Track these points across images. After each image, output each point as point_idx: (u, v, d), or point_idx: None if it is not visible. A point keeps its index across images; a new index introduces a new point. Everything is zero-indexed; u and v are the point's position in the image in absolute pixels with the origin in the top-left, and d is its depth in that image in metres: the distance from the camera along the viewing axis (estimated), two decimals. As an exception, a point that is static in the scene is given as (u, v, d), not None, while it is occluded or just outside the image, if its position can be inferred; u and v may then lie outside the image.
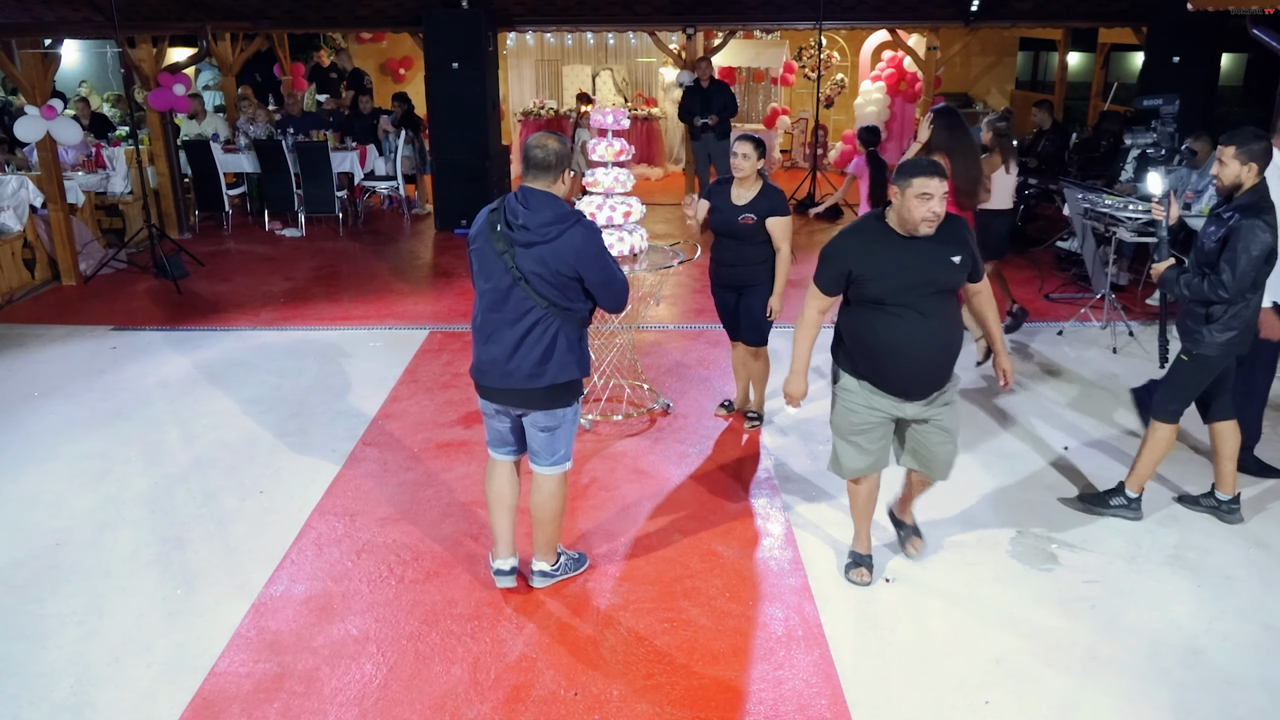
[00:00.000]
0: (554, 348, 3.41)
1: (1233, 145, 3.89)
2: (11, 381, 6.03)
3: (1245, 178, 3.89)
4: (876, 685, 3.29)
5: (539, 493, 3.68)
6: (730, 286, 5.04)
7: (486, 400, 3.58)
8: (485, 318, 3.47)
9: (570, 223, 3.33)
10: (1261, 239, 3.77)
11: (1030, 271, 8.35)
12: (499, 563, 3.78)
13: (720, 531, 4.26)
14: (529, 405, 3.49)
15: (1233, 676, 3.33)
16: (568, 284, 3.37)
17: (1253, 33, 6.63)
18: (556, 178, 3.40)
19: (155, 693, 3.26)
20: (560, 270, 3.33)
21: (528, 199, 3.35)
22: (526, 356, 3.40)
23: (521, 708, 3.18)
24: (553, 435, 3.58)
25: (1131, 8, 10.45)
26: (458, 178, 9.95)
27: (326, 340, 6.79)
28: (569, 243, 3.31)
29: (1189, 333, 4.06)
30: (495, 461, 3.75)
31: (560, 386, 3.48)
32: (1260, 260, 3.80)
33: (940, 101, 13.50)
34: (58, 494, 4.61)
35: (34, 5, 8.25)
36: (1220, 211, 3.97)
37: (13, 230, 7.83)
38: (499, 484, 3.74)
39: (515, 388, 3.45)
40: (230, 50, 11.26)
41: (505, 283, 3.37)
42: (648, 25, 11.11)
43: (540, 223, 3.31)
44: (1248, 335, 4.02)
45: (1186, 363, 4.09)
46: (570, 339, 3.47)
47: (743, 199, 4.87)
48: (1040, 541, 4.17)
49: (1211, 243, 3.93)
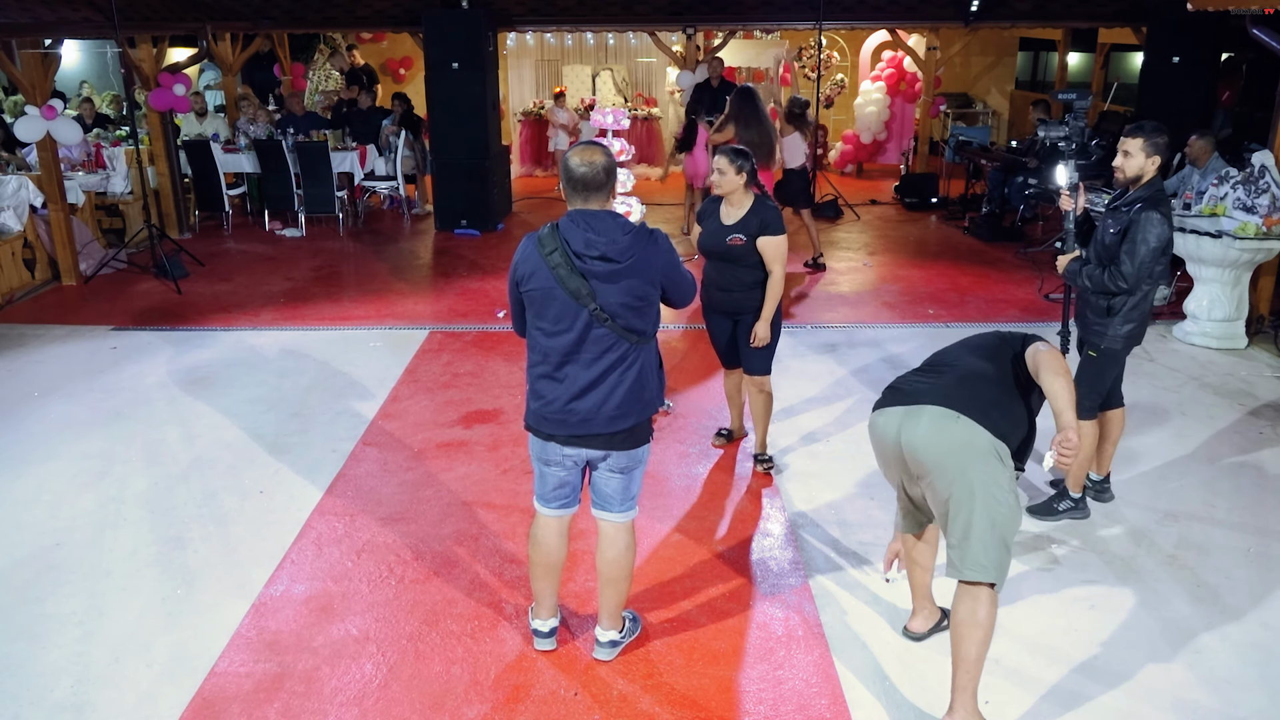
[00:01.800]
0: (640, 383, 3.08)
1: (1139, 138, 3.95)
2: (11, 381, 6.03)
3: (1148, 170, 3.97)
4: (876, 685, 3.29)
5: (611, 548, 3.27)
6: (725, 312, 4.65)
7: (556, 446, 3.14)
8: (552, 361, 3.05)
9: (646, 237, 2.99)
10: (1160, 230, 3.85)
11: (1030, 271, 8.35)
12: (540, 623, 3.43)
13: (720, 531, 4.26)
14: (611, 447, 3.12)
15: (1233, 676, 3.33)
16: (651, 304, 3.05)
17: (1253, 33, 6.62)
18: (609, 194, 3.03)
19: (155, 693, 3.26)
20: (648, 293, 3.01)
21: (592, 224, 2.94)
22: (609, 397, 3.03)
23: (521, 708, 3.18)
24: (629, 476, 3.22)
25: (1131, 8, 10.45)
26: (458, 178, 9.96)
27: (326, 340, 6.79)
28: (654, 258, 2.99)
29: (1092, 329, 4.15)
30: (546, 520, 3.31)
31: (646, 422, 3.17)
32: (1158, 251, 3.88)
33: (941, 102, 13.55)
34: (58, 494, 4.61)
35: (34, 5, 8.24)
36: (1118, 204, 4.03)
37: (13, 230, 7.83)
38: (550, 546, 3.32)
39: (597, 432, 3.07)
40: (230, 50, 11.26)
41: (582, 323, 2.97)
42: (648, 25, 11.12)
43: (621, 249, 2.93)
44: (1145, 326, 4.14)
45: (1094, 359, 4.18)
46: (652, 365, 3.14)
47: (732, 217, 4.46)
48: (1040, 541, 4.17)
49: (1111, 235, 4.00)
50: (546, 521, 3.31)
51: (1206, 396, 5.74)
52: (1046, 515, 4.34)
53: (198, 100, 10.68)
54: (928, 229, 10.42)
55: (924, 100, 12.70)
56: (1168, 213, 3.91)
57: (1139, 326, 4.10)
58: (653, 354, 3.15)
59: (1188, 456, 4.96)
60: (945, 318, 7.23)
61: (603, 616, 3.38)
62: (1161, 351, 6.49)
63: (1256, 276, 6.79)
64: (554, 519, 3.30)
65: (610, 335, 2.98)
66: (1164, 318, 7.19)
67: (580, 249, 2.91)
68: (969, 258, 9.07)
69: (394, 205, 11.34)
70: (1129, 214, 3.93)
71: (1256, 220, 6.36)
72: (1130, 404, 5.58)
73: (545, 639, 3.43)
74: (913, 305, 7.53)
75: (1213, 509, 4.44)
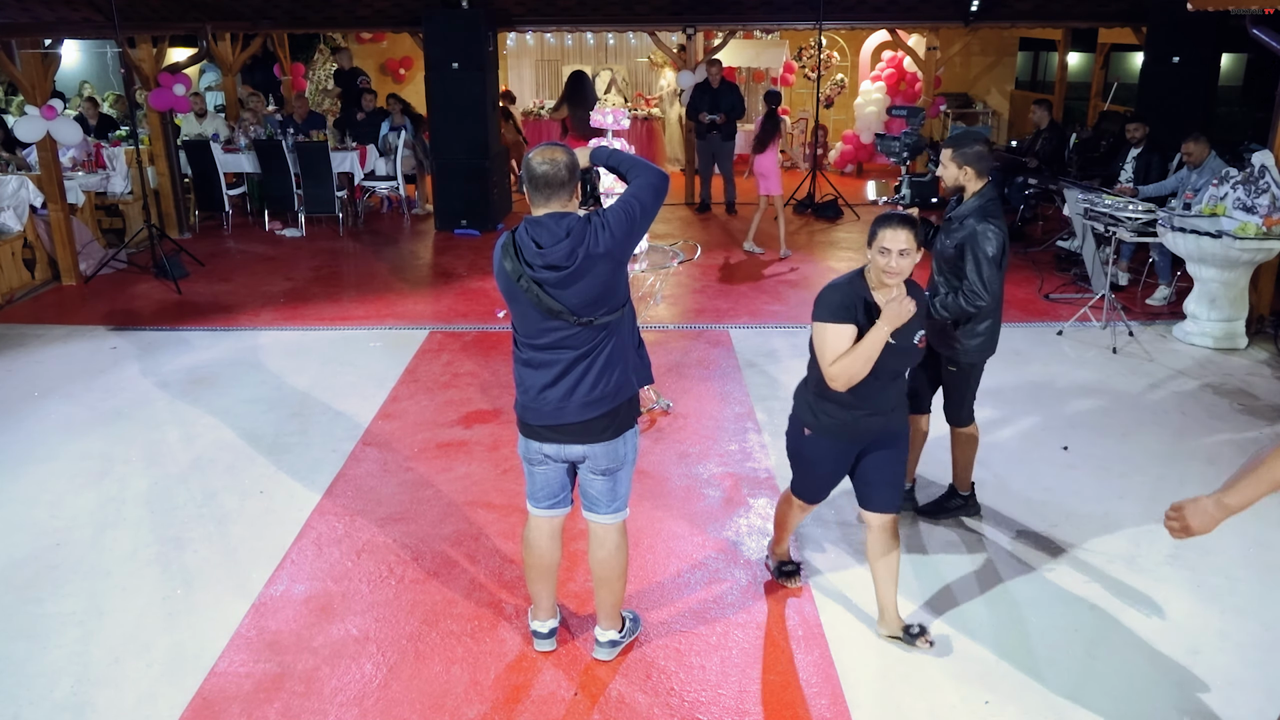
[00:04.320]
0: (611, 364, 3.01)
1: (949, 148, 3.87)
2: (11, 381, 6.03)
3: (965, 181, 3.86)
4: (876, 685, 3.29)
5: (601, 548, 3.24)
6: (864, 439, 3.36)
7: (536, 443, 3.12)
8: (525, 349, 3.04)
9: (588, 234, 2.86)
10: (994, 241, 3.76)
11: (1030, 271, 8.35)
12: (539, 624, 3.43)
13: (720, 532, 4.26)
14: (587, 439, 3.06)
15: (1233, 676, 3.33)
16: (615, 282, 2.95)
17: (1253, 33, 6.62)
18: (571, 195, 2.92)
19: (155, 693, 3.26)
20: (607, 277, 2.91)
21: (537, 233, 2.87)
22: (580, 383, 2.98)
23: (521, 708, 3.18)
24: (614, 478, 3.17)
25: (1131, 8, 10.45)
26: (458, 178, 9.96)
27: (326, 340, 6.79)
28: (598, 250, 2.86)
29: (946, 345, 4.04)
30: (538, 521, 3.27)
31: (622, 407, 3.08)
32: (996, 262, 3.78)
33: (941, 102, 13.55)
34: (58, 494, 4.61)
35: (34, 5, 8.24)
36: (950, 217, 3.96)
37: (13, 230, 7.83)
38: (543, 548, 3.29)
39: (570, 421, 3.03)
40: (230, 50, 11.26)
41: (546, 324, 2.94)
42: (648, 25, 11.12)
43: (564, 254, 2.84)
44: (995, 332, 4.04)
45: (955, 373, 4.10)
46: (625, 345, 3.05)
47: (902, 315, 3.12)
48: (1040, 541, 4.17)
49: (950, 250, 3.91)
50: (538, 523, 3.28)
51: (1206, 396, 5.74)
52: (936, 514, 4.35)
53: (197, 101, 10.68)
54: (927, 229, 10.39)
55: (924, 100, 12.69)
56: (1001, 223, 3.81)
57: (988, 334, 4.01)
58: (626, 332, 3.06)
59: (1188, 456, 4.96)
60: (945, 318, 7.23)
61: (601, 616, 3.38)
62: (1161, 351, 6.49)
63: (1256, 276, 6.78)
64: (545, 519, 3.27)
65: (577, 330, 2.94)
66: (1164, 318, 7.20)
67: (530, 258, 2.87)
68: (969, 258, 9.05)
69: (394, 205, 11.34)
70: (962, 228, 3.84)
71: (1256, 220, 6.36)
72: (1130, 404, 5.61)
73: (545, 640, 3.42)
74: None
75: (1213, 509, 4.43)
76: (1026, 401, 5.64)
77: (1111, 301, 6.83)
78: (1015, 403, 5.62)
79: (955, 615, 3.66)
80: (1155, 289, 7.64)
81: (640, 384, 3.15)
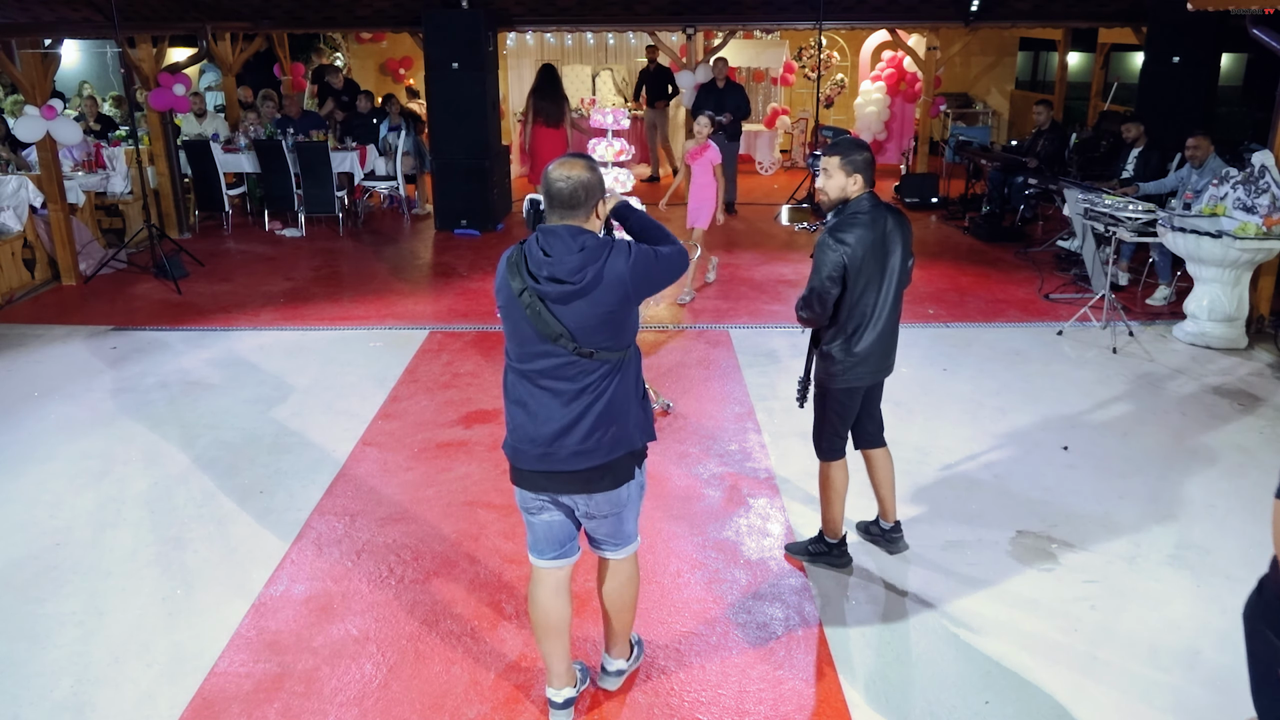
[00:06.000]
0: (610, 414, 2.74)
1: (836, 155, 3.54)
2: (11, 381, 6.03)
3: (850, 190, 3.55)
4: (876, 685, 3.29)
5: (612, 579, 3.05)
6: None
7: (527, 490, 2.86)
8: (518, 386, 2.78)
9: (604, 255, 2.65)
10: (828, 257, 3.45)
11: (1030, 271, 8.35)
12: (553, 692, 3.09)
13: (720, 532, 4.26)
14: (582, 489, 2.81)
15: (1233, 676, 3.33)
16: (619, 322, 2.71)
17: (1253, 33, 6.62)
18: (589, 215, 2.71)
19: (155, 693, 3.26)
20: (612, 310, 2.66)
21: (549, 244, 2.65)
22: (573, 429, 2.71)
23: (521, 708, 3.18)
24: (616, 519, 2.92)
25: (1131, 8, 10.46)
26: (458, 178, 9.96)
27: (326, 340, 6.79)
28: (615, 272, 2.64)
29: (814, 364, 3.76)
30: (542, 574, 2.98)
31: (620, 461, 2.81)
32: (832, 280, 3.46)
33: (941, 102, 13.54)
34: (58, 494, 4.62)
35: (34, 5, 8.25)
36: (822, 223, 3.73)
37: (13, 230, 7.83)
38: (550, 604, 2.98)
39: (560, 470, 2.76)
40: (230, 50, 11.26)
41: (543, 346, 2.68)
42: (648, 25, 11.12)
43: (570, 269, 2.61)
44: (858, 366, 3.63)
45: (817, 394, 3.79)
46: (628, 396, 2.79)
47: None
48: (1040, 541, 4.17)
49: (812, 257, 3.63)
50: (542, 575, 2.99)
51: (1206, 396, 5.74)
52: (798, 554, 4.02)
53: (197, 101, 10.68)
54: (928, 229, 10.41)
55: (924, 100, 12.69)
56: (846, 236, 3.45)
57: (847, 365, 3.62)
58: (630, 383, 2.80)
59: (1188, 456, 4.96)
60: (945, 318, 7.23)
61: (609, 644, 3.22)
62: (1161, 351, 6.49)
63: (1256, 276, 6.78)
64: (549, 571, 2.98)
65: (575, 360, 2.68)
66: (1164, 318, 7.20)
67: (534, 269, 2.65)
68: (969, 258, 9.07)
69: (394, 205, 11.34)
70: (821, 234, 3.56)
71: (1256, 220, 6.36)
72: (1130, 404, 5.60)
73: (560, 710, 3.08)
74: (913, 305, 7.53)
75: (1213, 509, 4.44)
76: (1026, 401, 5.64)
77: (1111, 301, 6.83)
78: (1015, 403, 5.62)
79: (955, 615, 3.66)
80: (1155, 289, 7.64)
81: (643, 441, 2.87)
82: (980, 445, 5.08)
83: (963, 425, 5.30)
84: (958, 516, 4.37)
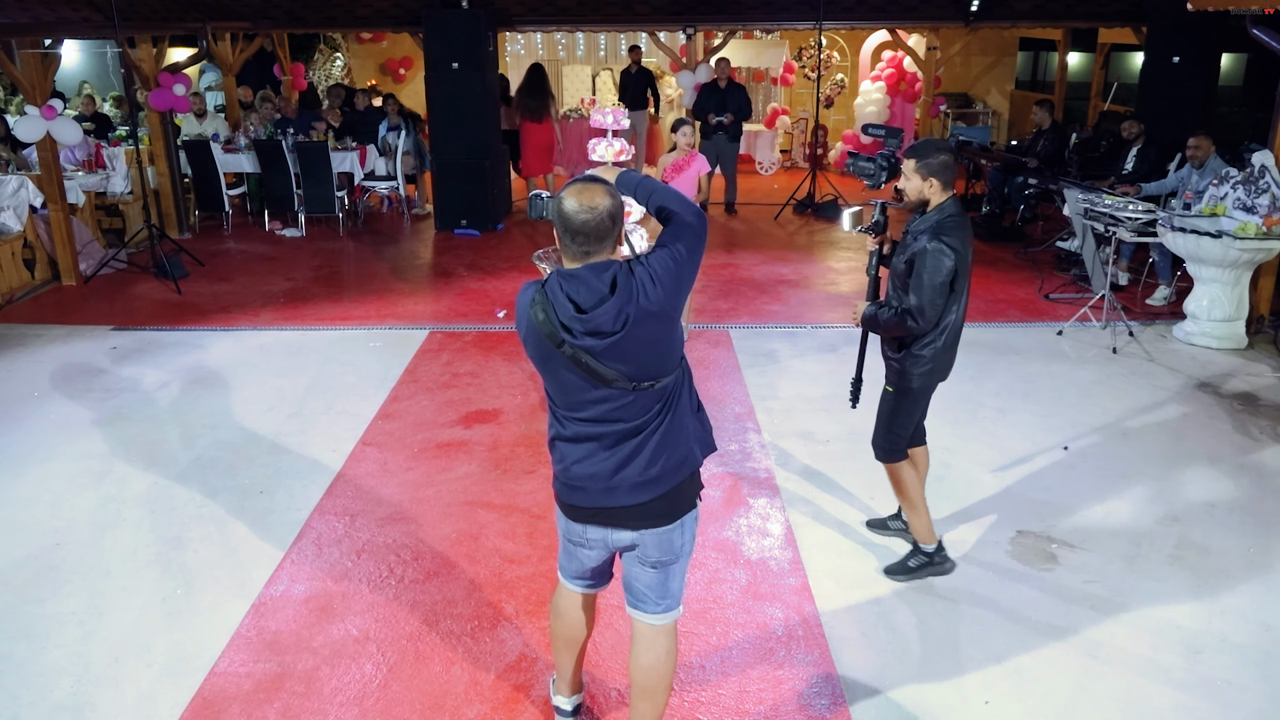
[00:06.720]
0: (671, 437, 2.56)
1: (913, 159, 3.55)
2: (11, 381, 6.03)
3: (929, 193, 3.55)
4: (876, 685, 3.29)
5: (648, 653, 2.73)
6: None
7: (579, 524, 2.68)
8: (566, 421, 2.58)
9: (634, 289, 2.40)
10: (938, 262, 3.44)
11: (1030, 271, 8.35)
12: (562, 700, 3.07)
13: (720, 531, 4.26)
14: (638, 524, 2.61)
15: (1233, 676, 3.33)
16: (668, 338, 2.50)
17: (1253, 33, 6.63)
18: (614, 246, 2.46)
19: (155, 693, 3.26)
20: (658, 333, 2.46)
21: (575, 291, 2.40)
22: (634, 458, 2.52)
23: (521, 708, 3.18)
24: (665, 571, 2.69)
25: (1131, 8, 10.46)
26: (457, 178, 9.96)
27: (326, 340, 6.79)
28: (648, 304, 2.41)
29: (888, 364, 3.77)
30: (568, 593, 2.89)
31: (684, 485, 2.63)
32: (944, 286, 3.48)
33: (941, 102, 13.52)
34: (58, 494, 4.61)
35: (34, 5, 8.25)
36: (907, 230, 3.68)
37: (13, 230, 7.83)
38: (573, 622, 2.91)
39: (620, 505, 2.57)
40: (230, 50, 11.26)
41: (594, 394, 2.48)
42: (648, 25, 11.12)
43: (610, 317, 2.38)
44: (944, 362, 3.69)
45: (889, 395, 3.79)
46: (686, 409, 2.60)
47: None
48: (1040, 541, 4.17)
49: (901, 265, 3.61)
50: (570, 594, 2.89)
51: (1206, 396, 5.74)
52: (900, 574, 3.91)
53: (197, 101, 10.68)
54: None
55: (924, 100, 12.70)
56: (955, 243, 3.46)
57: (936, 363, 3.66)
58: (685, 398, 2.61)
59: (1188, 456, 4.96)
60: (945, 318, 7.22)
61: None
62: (1161, 351, 6.49)
63: (1256, 276, 6.79)
64: (574, 594, 2.89)
65: (635, 397, 2.48)
66: (1164, 318, 7.20)
67: (567, 321, 2.39)
68: (969, 258, 9.06)
69: (394, 205, 11.35)
70: (913, 244, 3.54)
71: (1256, 220, 6.36)
72: (1131, 404, 5.61)
73: (568, 718, 3.08)
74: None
75: (1213, 509, 4.44)
76: (1026, 401, 5.64)
77: (1111, 301, 6.83)
78: (1015, 403, 5.62)
79: (955, 615, 3.66)
80: (1155, 289, 7.64)
81: (704, 454, 2.69)
82: (980, 445, 5.08)
83: (962, 425, 5.30)
84: (957, 516, 4.37)
